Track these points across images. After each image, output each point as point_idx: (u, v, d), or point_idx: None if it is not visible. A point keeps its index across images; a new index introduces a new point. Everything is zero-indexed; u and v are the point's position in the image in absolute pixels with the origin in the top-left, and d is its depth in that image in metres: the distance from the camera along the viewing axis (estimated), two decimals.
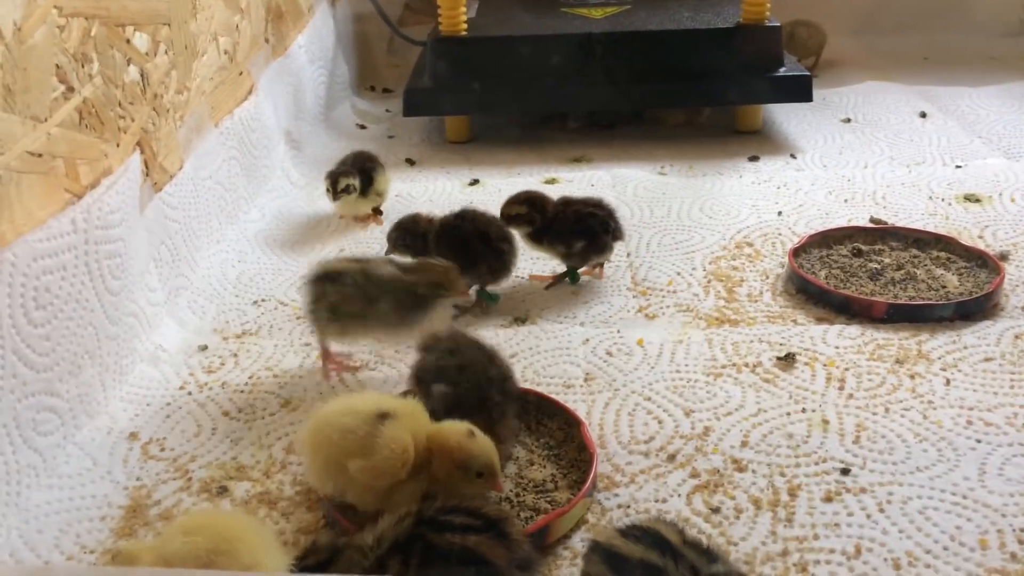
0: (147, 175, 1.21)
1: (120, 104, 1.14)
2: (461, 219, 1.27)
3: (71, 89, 1.03)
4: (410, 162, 1.86)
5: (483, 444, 0.84)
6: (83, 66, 1.06)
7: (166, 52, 1.28)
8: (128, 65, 1.17)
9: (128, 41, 1.17)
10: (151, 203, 1.21)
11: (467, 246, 1.24)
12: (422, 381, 0.96)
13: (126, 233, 1.09)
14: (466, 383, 0.93)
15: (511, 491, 0.91)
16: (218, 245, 1.41)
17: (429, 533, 0.73)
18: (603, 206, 1.31)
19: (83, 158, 1.05)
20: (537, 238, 1.30)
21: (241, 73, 1.60)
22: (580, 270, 1.33)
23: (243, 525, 0.75)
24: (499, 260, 1.25)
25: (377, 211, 1.58)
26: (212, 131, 1.43)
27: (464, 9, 1.87)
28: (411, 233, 1.28)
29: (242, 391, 1.10)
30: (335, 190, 1.50)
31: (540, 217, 1.28)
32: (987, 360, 1.10)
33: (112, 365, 1.06)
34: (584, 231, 1.28)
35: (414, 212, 1.31)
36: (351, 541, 0.74)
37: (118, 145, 1.13)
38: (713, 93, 1.86)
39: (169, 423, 1.04)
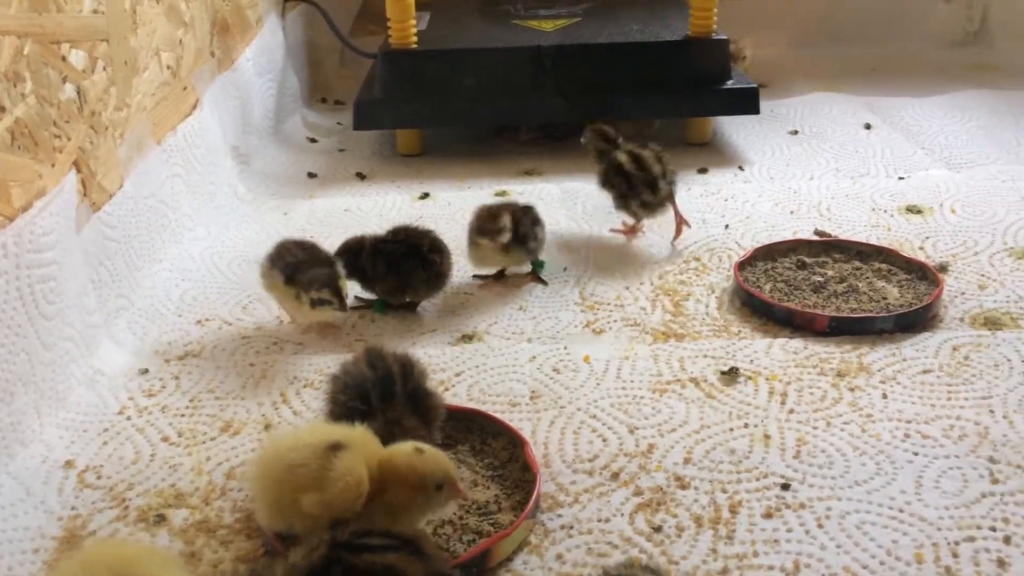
0: (85, 195, 1.19)
1: (55, 123, 1.12)
2: (393, 236, 1.29)
3: (2, 109, 1.01)
4: (360, 176, 1.85)
5: (433, 456, 0.84)
6: (15, 85, 1.03)
7: (104, 69, 1.26)
8: (64, 83, 1.15)
9: (64, 58, 1.15)
10: (89, 223, 1.19)
11: (400, 262, 1.26)
12: (335, 402, 0.95)
13: (61, 256, 1.07)
14: (376, 400, 0.93)
15: (454, 514, 0.90)
16: (161, 264, 1.39)
17: (346, 555, 0.72)
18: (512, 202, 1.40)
19: (15, 180, 1.02)
20: (506, 247, 1.32)
21: (185, 88, 1.58)
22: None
23: (138, 547, 0.77)
24: (433, 272, 1.27)
25: None
26: (154, 148, 1.41)
27: (414, 22, 1.87)
28: (355, 254, 1.28)
29: (183, 415, 1.08)
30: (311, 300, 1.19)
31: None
32: (925, 372, 1.12)
33: (47, 391, 1.04)
34: (537, 219, 1.37)
35: (359, 235, 1.31)
36: (258, 571, 0.74)
37: (53, 165, 1.11)
38: (662, 105, 1.87)
39: (106, 450, 1.02)
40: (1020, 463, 0.95)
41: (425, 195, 1.72)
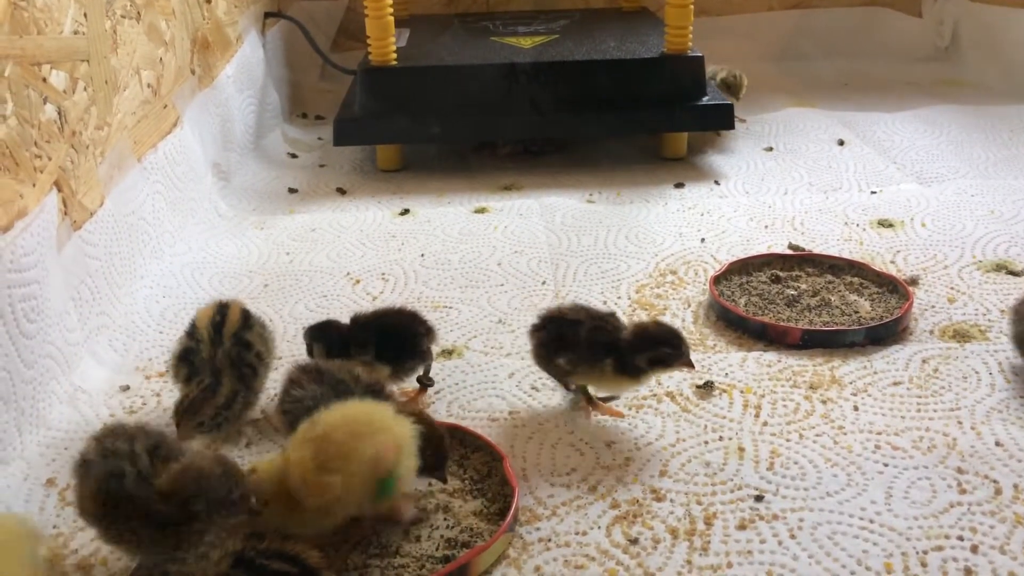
0: (65, 213, 1.20)
1: (36, 143, 1.12)
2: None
3: None
4: (341, 191, 1.86)
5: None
6: None
7: (85, 88, 1.27)
8: (45, 104, 1.16)
9: (45, 79, 1.16)
10: (69, 242, 1.19)
11: None
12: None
13: (42, 275, 1.07)
14: None
15: (432, 527, 0.91)
16: (142, 281, 1.39)
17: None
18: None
19: None
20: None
21: (165, 106, 1.58)
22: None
23: None
24: None
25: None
26: (135, 166, 1.42)
27: (393, 39, 1.89)
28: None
29: (163, 431, 1.08)
30: None
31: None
32: (895, 384, 1.14)
33: (28, 409, 1.04)
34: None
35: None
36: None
37: (34, 185, 1.11)
38: (638, 121, 1.90)
39: None
40: (987, 473, 0.98)
41: (405, 211, 1.74)
